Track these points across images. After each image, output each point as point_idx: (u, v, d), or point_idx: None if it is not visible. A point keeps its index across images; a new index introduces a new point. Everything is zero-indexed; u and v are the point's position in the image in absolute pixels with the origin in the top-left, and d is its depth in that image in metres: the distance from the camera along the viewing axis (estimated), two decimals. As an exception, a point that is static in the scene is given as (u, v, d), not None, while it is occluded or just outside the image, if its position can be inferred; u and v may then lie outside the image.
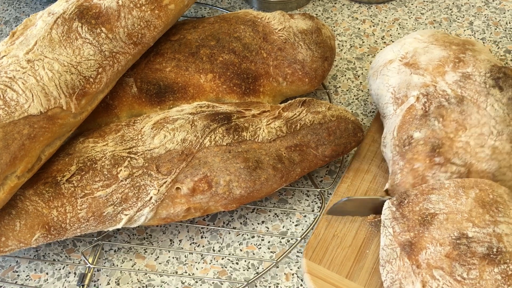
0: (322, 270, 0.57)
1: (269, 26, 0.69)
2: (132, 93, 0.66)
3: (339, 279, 0.57)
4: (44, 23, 0.60)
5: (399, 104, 0.62)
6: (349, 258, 0.58)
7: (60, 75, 0.57)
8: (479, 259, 0.48)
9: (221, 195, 0.58)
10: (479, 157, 0.56)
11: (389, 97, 0.63)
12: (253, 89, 0.67)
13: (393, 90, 0.63)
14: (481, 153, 0.56)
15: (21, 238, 0.56)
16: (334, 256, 0.58)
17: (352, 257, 0.58)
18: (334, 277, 0.57)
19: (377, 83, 0.66)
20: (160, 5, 0.63)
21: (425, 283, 0.49)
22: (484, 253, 0.49)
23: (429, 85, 0.60)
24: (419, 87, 0.61)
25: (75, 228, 0.57)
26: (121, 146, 0.59)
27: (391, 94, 0.63)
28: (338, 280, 0.56)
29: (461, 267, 0.48)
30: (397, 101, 0.62)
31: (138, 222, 0.58)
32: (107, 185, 0.57)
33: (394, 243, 0.53)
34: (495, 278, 0.47)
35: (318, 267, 0.58)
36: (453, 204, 0.52)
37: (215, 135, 0.59)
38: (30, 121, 0.55)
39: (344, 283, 0.56)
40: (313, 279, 0.57)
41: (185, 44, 0.68)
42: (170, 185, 0.57)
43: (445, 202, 0.53)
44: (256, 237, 0.64)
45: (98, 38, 0.60)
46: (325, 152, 0.61)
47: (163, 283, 0.60)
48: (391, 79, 0.64)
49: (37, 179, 0.58)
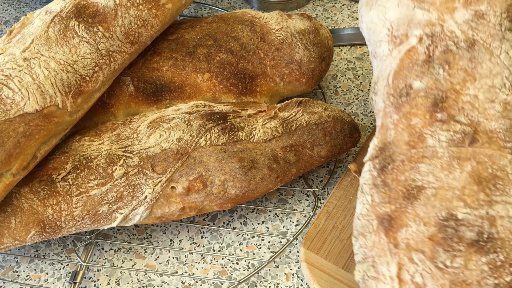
0: (319, 260, 0.58)
1: (267, 26, 0.69)
2: (129, 92, 0.66)
3: (335, 269, 0.57)
4: (41, 22, 0.60)
5: (397, 44, 0.52)
6: (347, 250, 0.58)
7: (56, 73, 0.57)
8: (466, 245, 0.42)
9: (216, 195, 0.58)
10: (488, 114, 0.46)
11: (385, 34, 0.53)
12: (250, 89, 0.67)
13: (391, 26, 0.53)
14: (491, 109, 0.47)
15: (16, 236, 0.56)
16: (332, 247, 0.58)
17: (350, 249, 0.58)
18: (330, 267, 0.57)
19: (370, 15, 0.56)
20: (157, 4, 0.63)
21: (401, 266, 0.43)
22: (472, 239, 0.42)
23: (435, 24, 0.50)
24: (423, 25, 0.50)
25: (70, 226, 0.57)
26: (116, 144, 0.59)
27: (388, 31, 0.53)
28: (335, 270, 0.57)
29: (445, 253, 0.42)
30: (394, 40, 0.52)
31: (133, 220, 0.58)
32: (102, 184, 0.57)
33: (372, 214, 0.46)
34: (482, 268, 0.41)
35: (315, 257, 0.58)
36: (445, 178, 0.44)
37: (210, 134, 0.59)
38: (26, 119, 0.55)
39: (340, 274, 0.56)
40: (310, 268, 0.57)
41: (183, 44, 0.68)
42: (165, 184, 0.57)
43: (436, 174, 0.44)
44: (256, 237, 0.64)
45: (94, 37, 0.60)
46: (321, 153, 0.61)
47: (163, 283, 0.60)
48: (389, 11, 0.53)
49: (33, 177, 0.58)
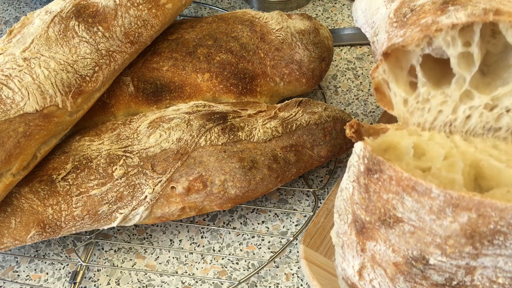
0: (319, 257, 0.58)
1: (267, 26, 0.69)
2: (129, 92, 0.66)
3: (334, 266, 0.56)
4: (41, 22, 0.60)
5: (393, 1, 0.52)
6: None
7: (56, 73, 0.57)
8: (430, 284, 0.39)
9: (216, 195, 0.58)
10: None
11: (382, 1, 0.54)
12: (250, 89, 0.67)
13: None
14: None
15: (16, 236, 0.56)
16: (332, 244, 0.58)
17: None
18: (330, 264, 0.57)
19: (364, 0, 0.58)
20: (157, 4, 0.63)
21: (364, 267, 0.43)
22: (438, 282, 0.39)
23: None
24: None
25: (70, 226, 0.57)
26: (116, 144, 0.59)
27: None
28: (334, 267, 0.57)
29: (405, 282, 0.40)
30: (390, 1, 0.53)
31: (133, 221, 0.58)
32: (102, 184, 0.57)
33: (349, 208, 0.44)
34: None
35: (314, 254, 0.58)
36: (430, 221, 0.38)
37: (210, 134, 0.59)
38: (26, 119, 0.55)
39: None
40: (309, 265, 0.57)
41: (183, 44, 0.68)
42: (165, 184, 0.57)
43: (420, 215, 0.38)
44: (256, 237, 0.64)
45: (94, 37, 0.60)
46: (321, 153, 0.61)
47: (163, 283, 0.60)
48: None
49: (33, 177, 0.58)
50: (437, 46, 0.43)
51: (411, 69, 0.47)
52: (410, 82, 0.47)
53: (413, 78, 0.47)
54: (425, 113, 0.46)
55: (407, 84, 0.47)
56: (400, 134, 0.46)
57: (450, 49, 0.43)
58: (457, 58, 0.44)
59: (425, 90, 0.46)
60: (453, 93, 0.45)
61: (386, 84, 0.47)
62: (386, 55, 0.46)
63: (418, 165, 0.42)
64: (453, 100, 0.45)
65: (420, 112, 0.47)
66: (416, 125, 0.47)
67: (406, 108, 0.47)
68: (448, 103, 0.45)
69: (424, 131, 0.47)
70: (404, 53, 0.46)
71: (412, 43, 0.44)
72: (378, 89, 0.48)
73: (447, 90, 0.45)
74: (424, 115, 0.47)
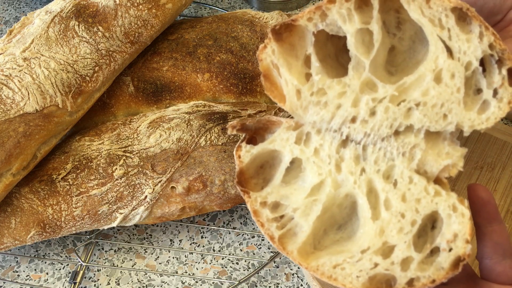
0: None
1: (267, 26, 0.69)
2: (129, 92, 0.66)
3: None
4: (41, 22, 0.60)
5: None
6: None
7: (56, 73, 0.57)
8: None
9: (216, 195, 0.58)
10: None
11: None
12: (250, 89, 0.67)
13: None
14: None
15: (16, 236, 0.56)
16: None
17: None
18: None
19: None
20: (157, 4, 0.63)
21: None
22: None
23: None
24: None
25: (70, 226, 0.57)
26: (116, 144, 0.59)
27: None
28: None
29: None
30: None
31: (133, 220, 0.58)
32: (102, 184, 0.57)
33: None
34: None
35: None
36: None
37: (210, 134, 0.59)
38: (26, 119, 0.55)
39: None
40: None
41: (183, 44, 0.68)
42: (165, 184, 0.57)
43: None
44: (256, 237, 0.64)
45: (94, 37, 0.60)
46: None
47: (163, 283, 0.60)
48: None
49: (33, 177, 0.58)
50: (332, 20, 0.39)
51: (307, 60, 0.41)
52: (306, 74, 0.41)
53: (309, 70, 0.41)
54: (321, 109, 0.40)
55: (301, 73, 0.41)
56: (286, 138, 0.42)
57: (346, 24, 0.39)
58: (354, 37, 0.39)
59: (319, 78, 0.40)
60: (352, 81, 0.39)
61: (277, 70, 0.41)
62: (276, 35, 0.40)
63: (275, 217, 0.41)
64: (352, 90, 0.39)
65: (316, 108, 0.40)
66: (311, 125, 0.41)
67: (300, 102, 0.41)
68: (347, 94, 0.39)
69: (318, 136, 0.41)
70: (299, 38, 0.41)
71: (304, 17, 0.39)
72: (267, 76, 0.42)
73: (345, 79, 0.40)
74: (320, 112, 0.40)
